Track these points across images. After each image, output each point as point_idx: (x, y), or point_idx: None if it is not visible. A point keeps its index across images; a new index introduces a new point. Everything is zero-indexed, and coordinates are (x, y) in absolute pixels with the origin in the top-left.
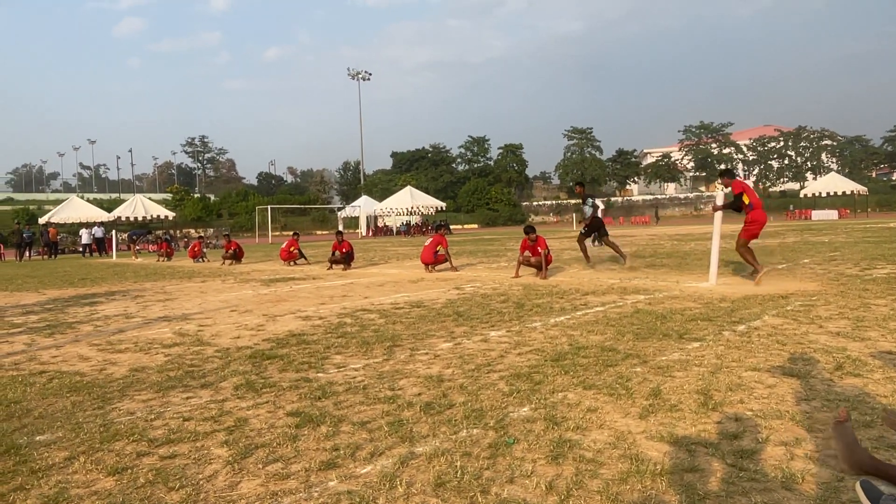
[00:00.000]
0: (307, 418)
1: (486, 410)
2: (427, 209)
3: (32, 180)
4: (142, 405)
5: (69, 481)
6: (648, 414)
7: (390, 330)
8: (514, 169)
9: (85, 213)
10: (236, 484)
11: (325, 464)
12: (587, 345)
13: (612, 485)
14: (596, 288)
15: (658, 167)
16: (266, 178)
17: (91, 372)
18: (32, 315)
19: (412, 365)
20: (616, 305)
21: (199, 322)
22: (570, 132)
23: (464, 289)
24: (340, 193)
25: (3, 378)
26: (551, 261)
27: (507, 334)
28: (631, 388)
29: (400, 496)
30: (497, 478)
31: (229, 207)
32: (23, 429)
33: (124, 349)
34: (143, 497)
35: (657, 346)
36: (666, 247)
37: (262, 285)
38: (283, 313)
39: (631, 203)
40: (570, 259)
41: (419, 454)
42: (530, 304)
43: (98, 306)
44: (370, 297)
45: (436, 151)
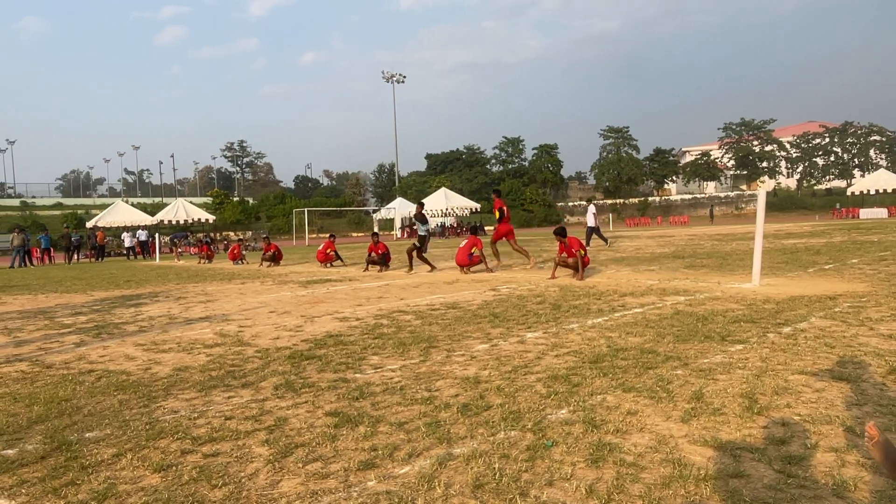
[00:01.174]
0: (345, 418)
1: (524, 412)
2: (461, 210)
3: (80, 186)
4: (185, 404)
5: (117, 477)
6: (691, 418)
7: (426, 331)
8: (549, 169)
9: (129, 217)
10: (277, 482)
11: (364, 464)
12: (626, 347)
13: (654, 489)
14: (634, 289)
15: (697, 166)
16: (303, 181)
17: (137, 371)
18: (81, 316)
19: (448, 366)
20: (655, 307)
21: (239, 323)
22: (605, 131)
23: (499, 290)
24: (375, 195)
25: (55, 377)
26: (588, 262)
27: (544, 336)
28: (672, 391)
29: (438, 497)
30: (536, 480)
31: (267, 210)
32: (73, 426)
33: (168, 349)
34: (187, 494)
35: (699, 349)
36: (706, 247)
37: (299, 287)
38: (321, 314)
39: (669, 202)
40: (607, 260)
41: (457, 455)
42: (567, 305)
43: (142, 307)
44: (406, 299)
45: (470, 153)
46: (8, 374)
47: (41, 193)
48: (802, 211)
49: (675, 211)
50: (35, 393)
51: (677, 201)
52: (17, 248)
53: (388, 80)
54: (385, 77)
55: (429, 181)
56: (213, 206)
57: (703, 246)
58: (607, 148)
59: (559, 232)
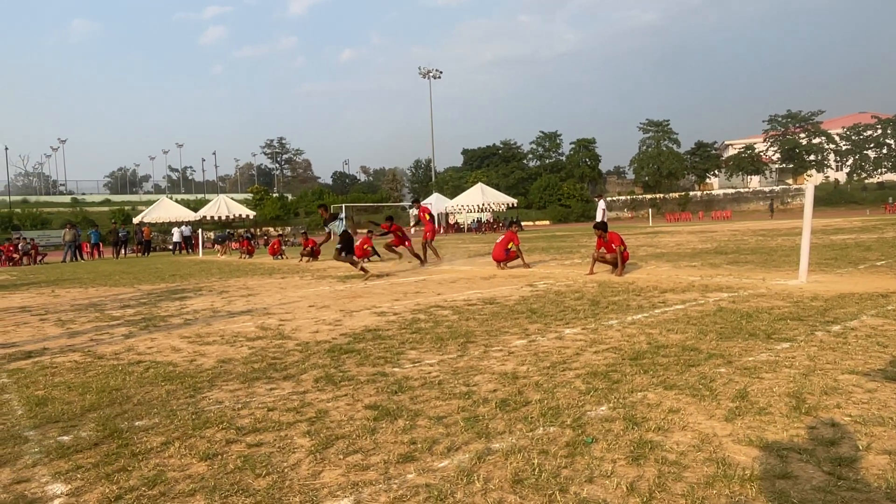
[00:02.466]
0: (385, 412)
1: (563, 409)
2: (498, 206)
3: (127, 183)
4: (229, 395)
5: (166, 465)
6: (735, 417)
7: (464, 326)
8: (586, 164)
9: (174, 213)
10: (318, 473)
11: (404, 457)
12: (667, 344)
13: (697, 488)
14: (675, 285)
15: (740, 159)
16: (340, 178)
17: (182, 362)
18: (129, 308)
19: (486, 361)
20: (697, 303)
21: (279, 317)
22: (645, 125)
23: (537, 286)
24: (412, 191)
25: (106, 367)
26: (628, 258)
27: (583, 332)
28: (715, 389)
29: (478, 491)
30: (576, 477)
31: (305, 206)
32: (123, 414)
33: (212, 341)
34: (232, 482)
35: (743, 347)
36: (750, 242)
37: (337, 282)
38: (359, 309)
39: (711, 197)
40: (647, 256)
41: (496, 450)
42: (606, 301)
43: (187, 301)
44: (443, 294)
45: (507, 148)
46: (62, 364)
47: (90, 190)
48: (852, 205)
49: (718, 206)
50: (88, 382)
51: (719, 196)
52: (69, 244)
53: (424, 76)
54: (422, 73)
55: (465, 176)
56: (254, 202)
57: (747, 241)
58: (647, 142)
59: (600, 226)
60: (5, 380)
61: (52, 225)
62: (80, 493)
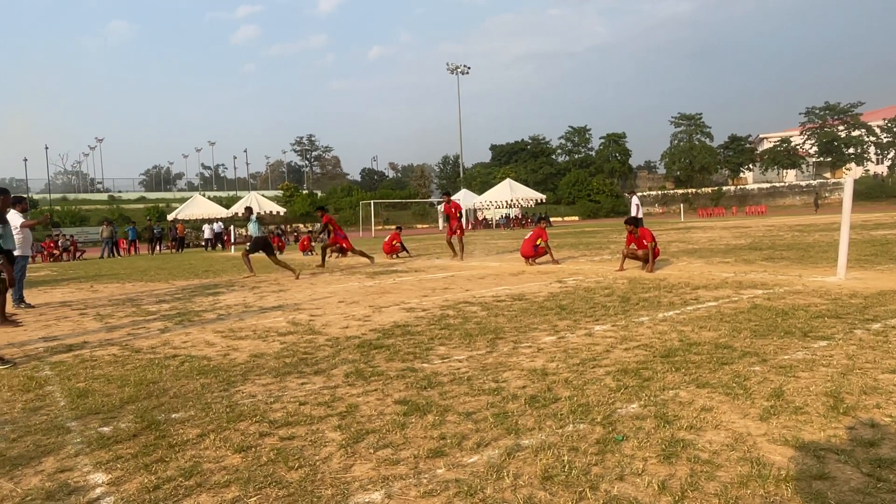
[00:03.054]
0: (414, 407)
1: (593, 406)
2: (526, 202)
3: (161, 180)
4: (262, 389)
5: (201, 456)
6: (770, 416)
7: (492, 322)
8: (616, 159)
9: (207, 210)
10: (350, 467)
11: (433, 452)
12: (699, 341)
13: (730, 488)
14: (707, 282)
15: (776, 153)
16: (369, 174)
17: (216, 357)
18: (164, 304)
19: (515, 358)
20: (730, 300)
21: (310, 312)
22: (677, 118)
23: (566, 282)
24: (440, 187)
25: (143, 360)
26: (658, 254)
27: (613, 329)
28: (749, 387)
29: (507, 487)
30: (606, 474)
31: (335, 202)
32: (160, 406)
33: (244, 336)
34: (266, 474)
35: (778, 345)
36: (786, 238)
37: (366, 278)
38: (388, 305)
39: (745, 192)
40: (679, 252)
41: (525, 447)
42: (636, 298)
43: (220, 296)
44: (471, 290)
45: (535, 143)
46: (102, 358)
47: (126, 188)
48: (893, 200)
49: (752, 200)
50: (126, 375)
51: (754, 190)
52: (107, 240)
53: (452, 72)
54: (450, 69)
55: (493, 172)
56: (284, 198)
57: (783, 237)
58: (678, 136)
59: (632, 221)
60: (48, 372)
61: (90, 222)
62: (120, 483)
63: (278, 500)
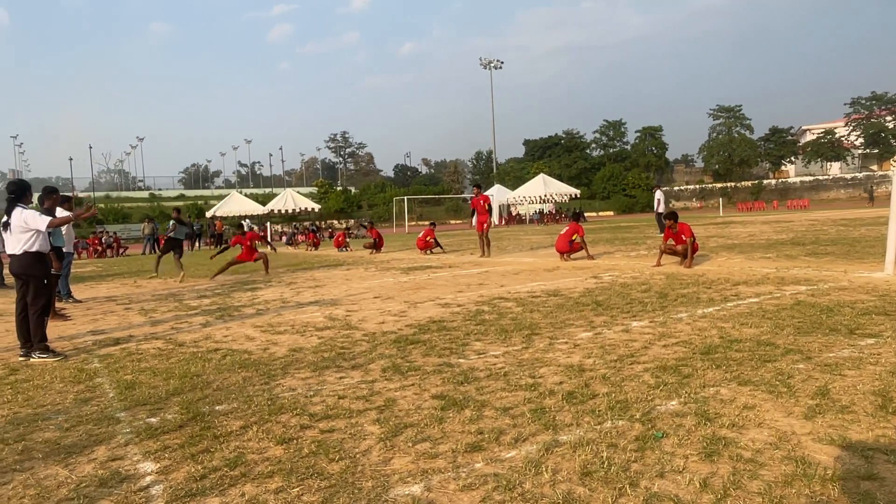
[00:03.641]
0: (451, 402)
1: (632, 402)
2: (560, 197)
3: (199, 178)
4: (301, 382)
5: (245, 447)
6: (815, 415)
7: (528, 318)
8: (652, 153)
9: (244, 207)
10: (389, 460)
11: (471, 446)
12: (741, 338)
13: (774, 487)
14: (748, 278)
15: (819, 145)
16: (402, 170)
17: (257, 351)
18: (205, 299)
19: (552, 354)
20: (772, 297)
21: (346, 307)
22: (715, 111)
23: (601, 278)
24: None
25: (186, 354)
26: (697, 249)
27: (651, 325)
28: (793, 385)
29: (546, 482)
30: (646, 471)
31: (368, 199)
32: (204, 399)
33: (283, 331)
34: (307, 466)
35: (823, 342)
36: (830, 233)
37: (401, 273)
38: (423, 300)
39: (787, 185)
40: (718, 247)
41: (563, 442)
42: (674, 294)
43: (258, 292)
44: (506, 286)
45: (569, 137)
46: (147, 351)
47: (166, 186)
48: None
49: (794, 194)
50: (170, 368)
51: (796, 184)
52: (148, 237)
53: (485, 67)
54: (482, 63)
55: (527, 167)
56: (318, 195)
57: (827, 232)
58: (717, 128)
59: (670, 216)
60: (97, 365)
61: (132, 219)
62: (168, 472)
63: (320, 492)
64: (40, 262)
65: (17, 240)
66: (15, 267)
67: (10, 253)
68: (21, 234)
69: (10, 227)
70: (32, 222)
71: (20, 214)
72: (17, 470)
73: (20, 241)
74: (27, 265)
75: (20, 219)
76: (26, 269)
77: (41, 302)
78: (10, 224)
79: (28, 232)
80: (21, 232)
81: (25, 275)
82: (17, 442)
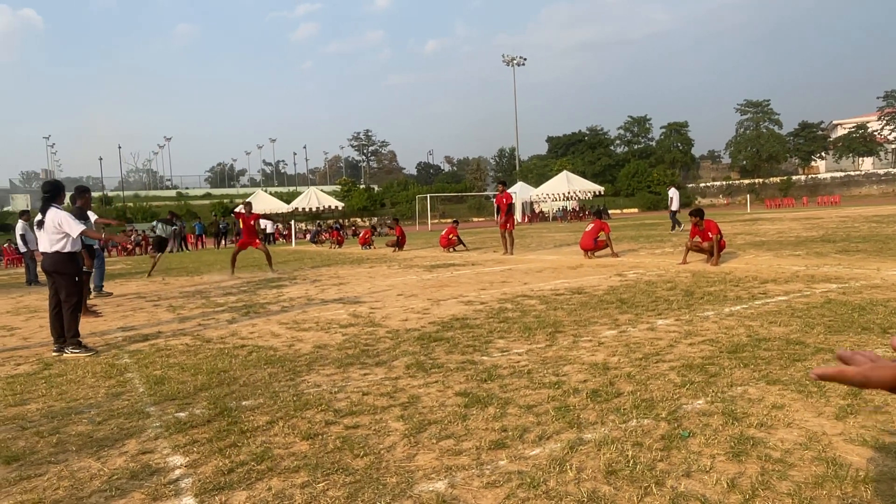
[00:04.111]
0: (475, 399)
1: (657, 401)
2: (584, 194)
3: (225, 177)
4: (326, 379)
5: (271, 442)
6: (846, 415)
7: (552, 316)
8: (678, 149)
9: (268, 205)
10: (413, 456)
11: (495, 443)
12: (769, 337)
13: (804, 488)
14: (777, 276)
15: (851, 140)
16: (425, 168)
17: (282, 347)
18: (231, 296)
19: (576, 351)
20: (802, 295)
21: (370, 305)
22: (743, 106)
23: (626, 275)
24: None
25: (213, 350)
26: (724, 246)
27: (676, 323)
28: (824, 385)
29: (570, 480)
30: (672, 471)
31: (391, 197)
32: (231, 394)
33: (308, 328)
34: (333, 461)
35: (855, 341)
36: (862, 230)
37: (424, 271)
38: (446, 298)
39: (817, 181)
40: (745, 244)
41: (588, 441)
42: (700, 291)
43: (283, 289)
44: (529, 283)
45: (593, 134)
46: (175, 347)
47: (193, 184)
48: None
49: (824, 190)
50: (198, 364)
51: (826, 180)
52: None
53: (508, 64)
54: (505, 61)
55: (550, 164)
56: (342, 193)
57: (859, 228)
58: (745, 124)
59: (696, 213)
60: (127, 360)
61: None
62: (196, 465)
63: (345, 487)
64: (72, 261)
65: (50, 239)
66: (47, 265)
67: (43, 251)
68: (54, 234)
69: (43, 225)
70: (66, 226)
71: (55, 215)
72: (51, 462)
73: (53, 240)
74: (59, 263)
75: (55, 220)
76: (58, 268)
77: (74, 299)
78: (45, 222)
79: (61, 233)
80: (54, 232)
81: (57, 273)
82: (51, 435)
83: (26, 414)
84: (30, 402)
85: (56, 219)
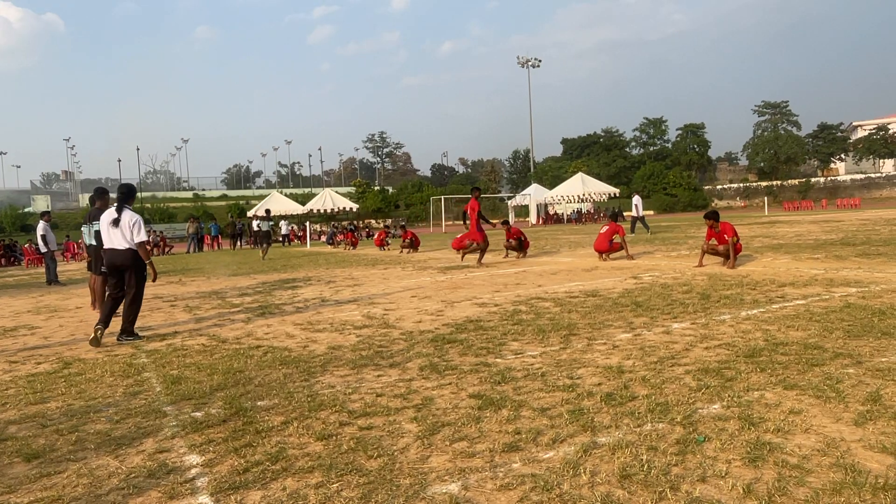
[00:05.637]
0: (488, 401)
1: (672, 405)
2: (599, 196)
3: (241, 178)
4: (340, 380)
5: (286, 442)
6: (866, 421)
7: (566, 318)
8: (694, 151)
9: (284, 207)
10: (426, 458)
11: (508, 446)
12: (786, 341)
13: (822, 495)
14: (795, 279)
15: (872, 141)
16: (439, 170)
17: (297, 348)
18: (247, 297)
19: (590, 354)
20: (821, 298)
21: (384, 306)
22: (760, 107)
23: (641, 278)
24: (510, 182)
25: (229, 350)
26: (741, 249)
27: (692, 327)
28: (842, 390)
29: (584, 484)
30: (687, 475)
31: (405, 198)
32: (247, 394)
33: (322, 329)
34: (347, 462)
35: (875, 346)
36: (882, 233)
37: (438, 273)
38: (460, 300)
39: (836, 184)
40: (762, 247)
41: (602, 444)
42: (717, 295)
43: (298, 290)
44: (544, 286)
45: (608, 136)
46: (192, 347)
47: (209, 186)
48: None
49: (844, 193)
50: (214, 364)
51: (846, 182)
52: (192, 236)
53: (523, 65)
54: (520, 62)
55: (564, 166)
56: (356, 195)
57: (880, 231)
58: (762, 125)
59: (711, 216)
60: (144, 360)
61: (177, 218)
62: (212, 465)
63: (359, 488)
64: (141, 259)
65: (123, 237)
66: (121, 260)
67: (115, 248)
68: (127, 233)
69: (119, 223)
70: (136, 235)
71: (131, 217)
72: (70, 459)
73: (125, 238)
74: (134, 259)
75: (130, 221)
76: (132, 263)
77: (139, 292)
78: (121, 221)
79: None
80: (128, 231)
81: (131, 268)
82: (70, 433)
83: (46, 412)
84: (50, 401)
85: (132, 220)
